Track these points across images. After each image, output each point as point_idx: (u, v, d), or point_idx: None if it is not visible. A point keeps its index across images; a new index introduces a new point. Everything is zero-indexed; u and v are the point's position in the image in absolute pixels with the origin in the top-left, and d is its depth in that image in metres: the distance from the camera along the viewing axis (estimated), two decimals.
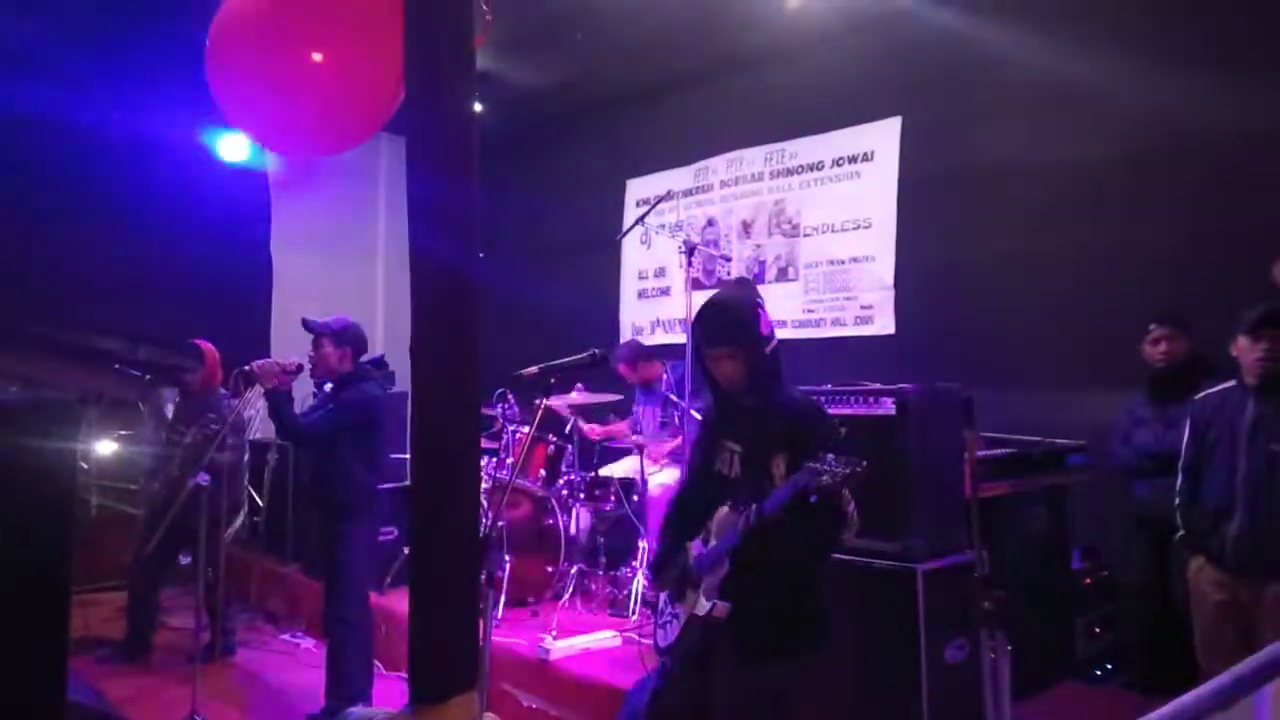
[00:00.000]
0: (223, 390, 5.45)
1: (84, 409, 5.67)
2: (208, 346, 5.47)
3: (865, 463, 2.33)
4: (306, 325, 4.46)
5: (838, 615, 3.49)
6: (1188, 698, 1.44)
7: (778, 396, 2.68)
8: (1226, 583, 3.30)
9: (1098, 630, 4.47)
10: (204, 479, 4.40)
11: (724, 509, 2.62)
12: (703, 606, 2.56)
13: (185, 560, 5.63)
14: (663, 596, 2.82)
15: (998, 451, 4.13)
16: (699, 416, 3.38)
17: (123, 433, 6.59)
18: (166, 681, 4.91)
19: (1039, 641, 3.87)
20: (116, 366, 6.29)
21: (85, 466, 6.30)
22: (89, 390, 6.40)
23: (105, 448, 6.46)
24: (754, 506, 2.47)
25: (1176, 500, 3.51)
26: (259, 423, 6.81)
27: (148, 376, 6.30)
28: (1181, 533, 3.51)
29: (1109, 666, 4.41)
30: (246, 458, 6.58)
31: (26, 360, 6.29)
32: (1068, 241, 5.14)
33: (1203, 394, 3.49)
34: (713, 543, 2.62)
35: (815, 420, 2.67)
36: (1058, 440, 4.48)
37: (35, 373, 6.26)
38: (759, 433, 2.63)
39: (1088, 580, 4.58)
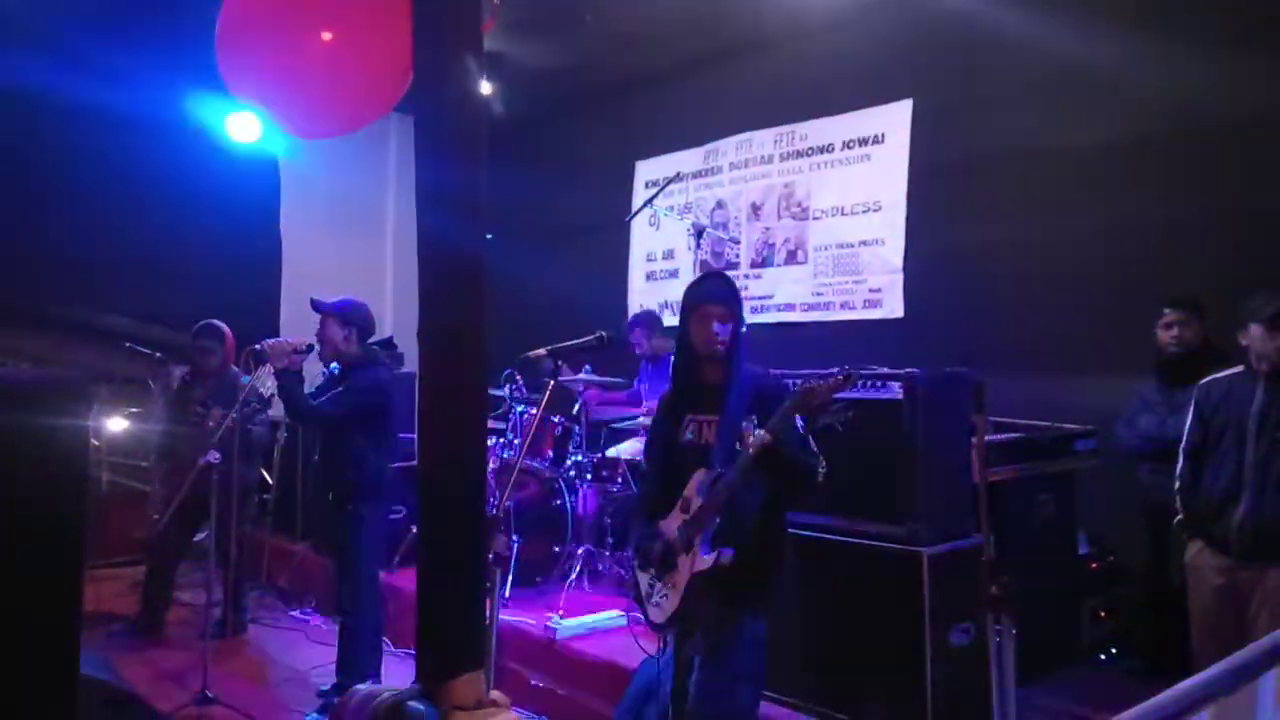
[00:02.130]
0: (235, 368, 5.47)
1: (95, 387, 5.71)
2: (222, 326, 5.49)
3: (851, 372, 2.61)
4: (314, 305, 4.47)
5: (843, 598, 3.53)
6: (1192, 682, 1.45)
7: (743, 371, 2.89)
8: (1226, 567, 3.30)
9: (1103, 615, 4.48)
10: (214, 457, 4.43)
11: (700, 472, 2.77)
12: (704, 561, 2.67)
13: (201, 536, 5.67)
14: (644, 580, 2.90)
15: (1005, 436, 4.12)
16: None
17: (133, 410, 6.63)
18: (178, 657, 4.95)
19: (1044, 626, 3.88)
20: (127, 345, 6.32)
21: (96, 444, 6.35)
22: (100, 369, 6.43)
23: (116, 425, 6.50)
24: (756, 430, 2.64)
25: (1177, 484, 3.50)
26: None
27: (158, 354, 6.33)
28: (1180, 516, 3.51)
29: (1114, 651, 4.42)
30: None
31: (38, 339, 6.33)
32: (1078, 225, 5.11)
33: (1208, 379, 3.47)
34: (695, 504, 2.74)
35: (779, 387, 2.92)
36: (1066, 425, 4.47)
37: (46, 351, 6.29)
38: (730, 401, 2.81)
39: (1094, 565, 4.58)
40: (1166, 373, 4.18)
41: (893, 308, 5.99)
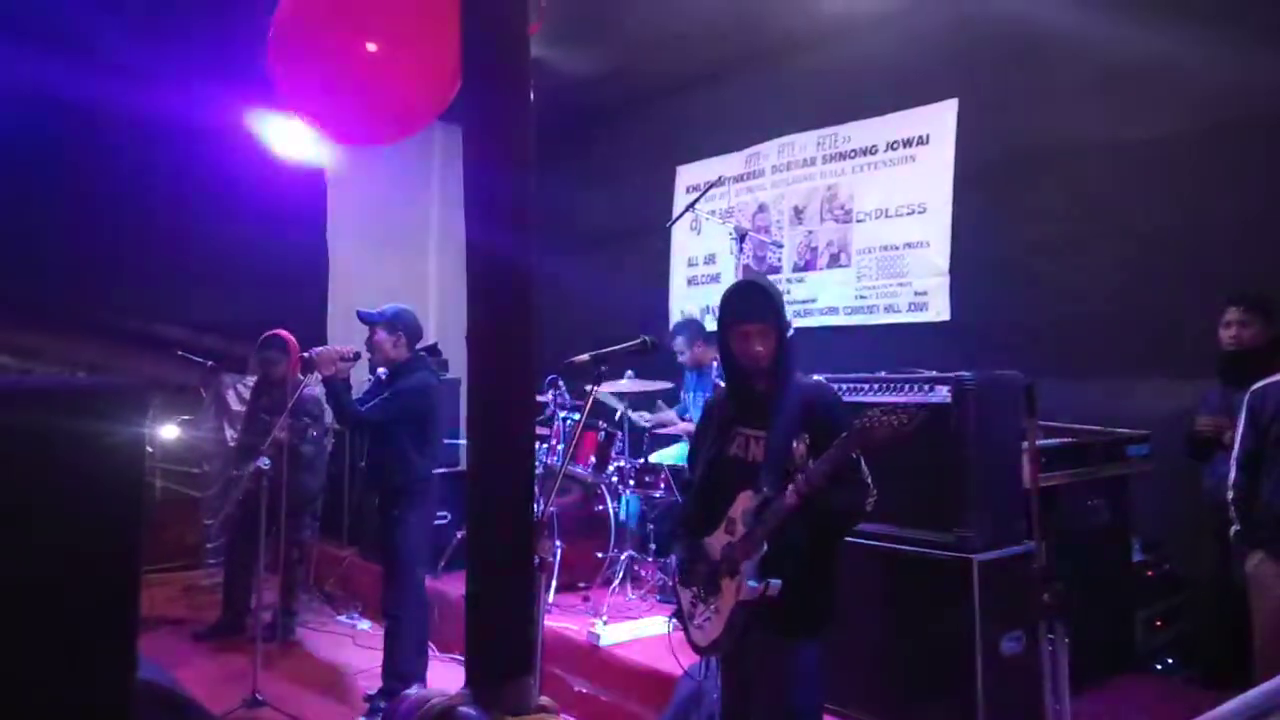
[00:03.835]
0: (300, 377, 5.54)
1: (150, 394, 5.81)
2: (288, 337, 5.57)
3: (919, 411, 2.40)
4: (361, 317, 4.53)
5: (893, 605, 3.49)
6: (1256, 692, 1.40)
7: (794, 382, 2.75)
8: None
9: (1159, 623, 4.38)
10: (264, 463, 4.50)
11: (746, 494, 2.63)
12: (750, 590, 2.54)
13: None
14: (686, 598, 2.81)
15: (1057, 441, 4.05)
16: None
17: (185, 418, 6.76)
18: (228, 660, 5.03)
19: (1099, 634, 3.80)
20: (179, 353, 6.44)
21: (150, 450, 6.48)
22: (153, 376, 6.56)
23: (169, 432, 6.63)
24: (802, 475, 2.48)
25: (1230, 494, 3.37)
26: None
27: (210, 363, 6.45)
28: (1236, 527, 3.39)
29: (1170, 660, 4.31)
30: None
31: (93, 346, 6.47)
32: (1128, 225, 5.00)
33: (1262, 384, 3.33)
34: (739, 530, 2.62)
35: (832, 402, 2.79)
36: (1119, 430, 4.38)
37: (101, 359, 6.43)
38: (779, 417, 2.67)
39: (1149, 573, 4.48)
40: (1225, 374, 4.06)
41: (939, 310, 5.91)
